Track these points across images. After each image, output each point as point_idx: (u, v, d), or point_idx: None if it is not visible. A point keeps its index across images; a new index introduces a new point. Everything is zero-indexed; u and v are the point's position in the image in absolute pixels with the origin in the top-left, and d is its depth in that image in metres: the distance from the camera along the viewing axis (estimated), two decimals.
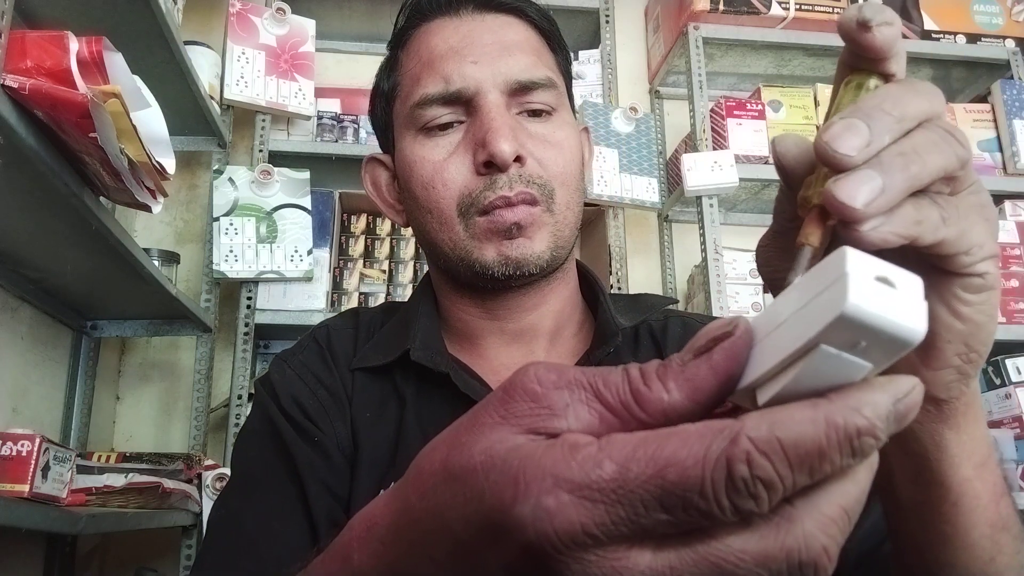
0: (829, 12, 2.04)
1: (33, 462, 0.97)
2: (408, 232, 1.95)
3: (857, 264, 0.23)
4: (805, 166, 0.31)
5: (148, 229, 1.98)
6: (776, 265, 0.37)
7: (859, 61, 0.31)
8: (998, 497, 0.39)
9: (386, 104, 0.70)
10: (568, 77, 0.71)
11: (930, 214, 0.29)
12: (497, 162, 0.59)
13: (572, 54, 1.53)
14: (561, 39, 0.71)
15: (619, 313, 0.66)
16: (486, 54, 0.62)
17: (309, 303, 1.79)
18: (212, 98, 1.78)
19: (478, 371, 0.64)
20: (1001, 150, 2.04)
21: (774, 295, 0.38)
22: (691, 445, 0.22)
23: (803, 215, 0.30)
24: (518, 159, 0.60)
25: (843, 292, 0.22)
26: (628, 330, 0.66)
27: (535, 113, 0.64)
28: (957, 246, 0.30)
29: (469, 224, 0.61)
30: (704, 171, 1.82)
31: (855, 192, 0.26)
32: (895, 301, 0.22)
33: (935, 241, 0.29)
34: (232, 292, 1.86)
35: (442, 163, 0.62)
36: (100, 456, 1.40)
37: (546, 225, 0.61)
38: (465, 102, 0.62)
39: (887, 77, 0.31)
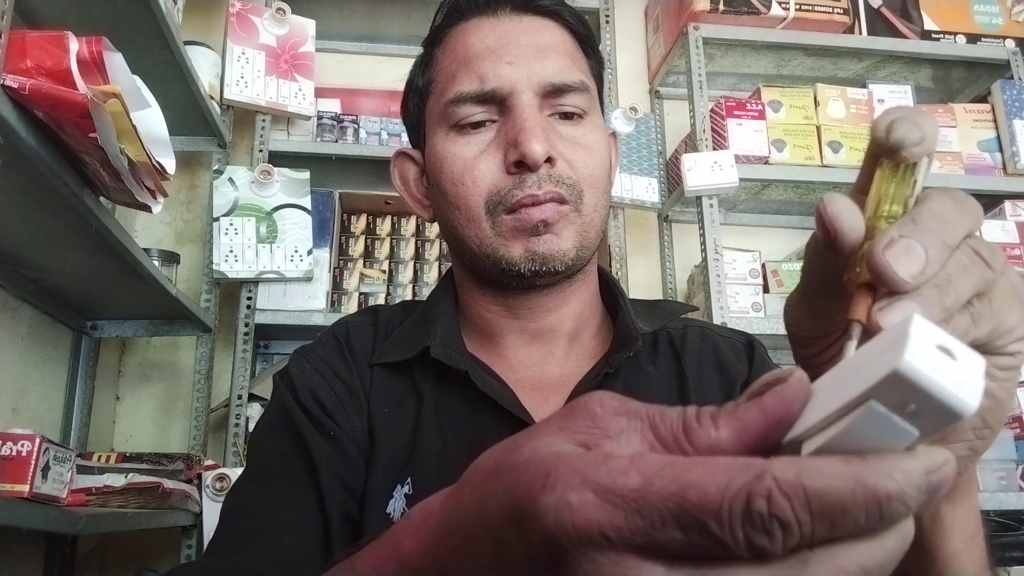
0: (829, 12, 2.04)
1: (33, 462, 0.97)
2: (408, 232, 1.95)
3: (921, 329, 0.23)
4: (858, 236, 0.31)
5: (148, 229, 1.98)
6: (806, 325, 0.37)
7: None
8: (982, 571, 0.39)
9: (419, 100, 0.70)
10: (600, 82, 0.72)
11: (959, 322, 0.30)
12: (528, 162, 0.60)
13: None
14: (595, 44, 0.71)
15: (638, 318, 0.67)
16: (522, 55, 0.63)
17: (309, 303, 1.79)
18: (212, 98, 1.78)
19: (497, 370, 0.64)
20: (1001, 150, 2.04)
21: (796, 351, 0.38)
22: (716, 473, 0.23)
23: (850, 289, 0.30)
24: (549, 160, 0.61)
25: (901, 351, 0.22)
26: (647, 336, 0.67)
27: (567, 116, 0.65)
28: (991, 336, 0.31)
29: (496, 222, 0.62)
30: (704, 171, 1.82)
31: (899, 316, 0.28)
32: (952, 370, 0.22)
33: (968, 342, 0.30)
34: (232, 292, 1.86)
35: (473, 160, 0.63)
36: (100, 456, 1.40)
37: (573, 224, 0.62)
38: (499, 102, 0.63)
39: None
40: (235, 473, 1.47)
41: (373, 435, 0.62)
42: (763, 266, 1.88)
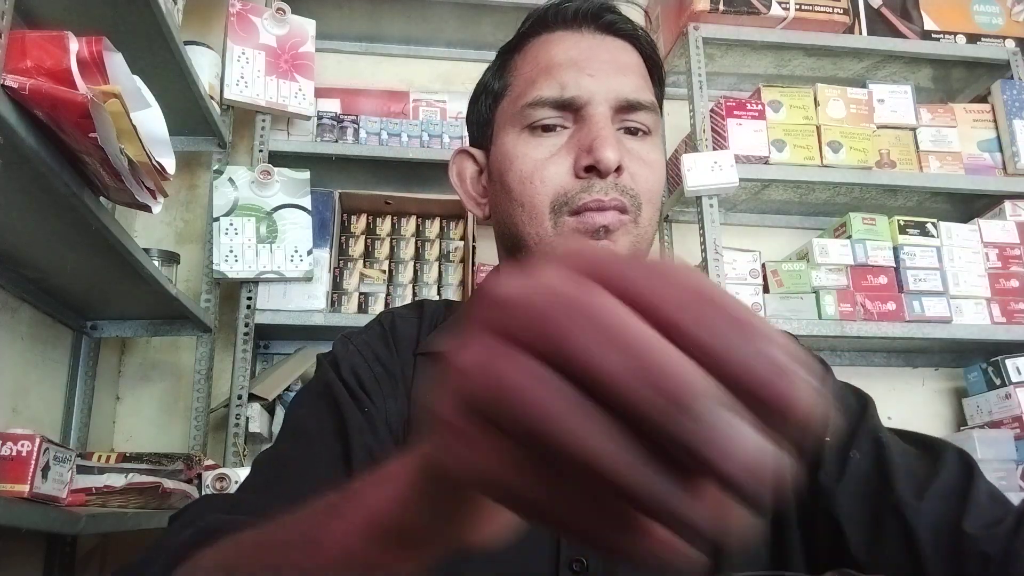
0: (829, 12, 2.04)
1: (33, 462, 0.97)
2: (408, 232, 1.95)
3: None
4: None
5: (148, 229, 1.98)
6: None
7: None
8: None
9: (492, 102, 0.73)
10: (661, 111, 0.75)
11: None
12: (601, 167, 0.63)
13: None
14: (663, 76, 0.75)
15: None
16: (602, 71, 0.67)
17: (309, 303, 1.79)
18: (212, 98, 1.78)
19: None
20: (1001, 150, 2.04)
21: None
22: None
23: None
24: (617, 169, 0.64)
25: None
26: None
27: (632, 131, 0.68)
28: None
29: (558, 222, 0.65)
30: (704, 171, 1.82)
31: None
32: None
33: None
34: (232, 292, 1.85)
35: (543, 161, 0.66)
36: (100, 456, 1.40)
37: (630, 234, 0.65)
38: (575, 110, 0.66)
39: None
40: (235, 473, 1.47)
41: (412, 419, 0.65)
42: (763, 266, 1.88)
